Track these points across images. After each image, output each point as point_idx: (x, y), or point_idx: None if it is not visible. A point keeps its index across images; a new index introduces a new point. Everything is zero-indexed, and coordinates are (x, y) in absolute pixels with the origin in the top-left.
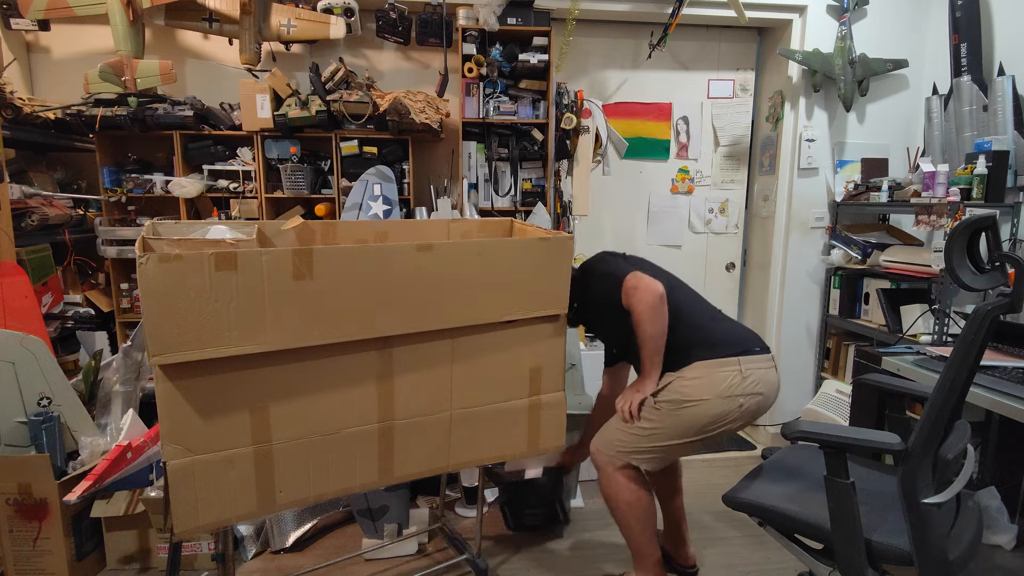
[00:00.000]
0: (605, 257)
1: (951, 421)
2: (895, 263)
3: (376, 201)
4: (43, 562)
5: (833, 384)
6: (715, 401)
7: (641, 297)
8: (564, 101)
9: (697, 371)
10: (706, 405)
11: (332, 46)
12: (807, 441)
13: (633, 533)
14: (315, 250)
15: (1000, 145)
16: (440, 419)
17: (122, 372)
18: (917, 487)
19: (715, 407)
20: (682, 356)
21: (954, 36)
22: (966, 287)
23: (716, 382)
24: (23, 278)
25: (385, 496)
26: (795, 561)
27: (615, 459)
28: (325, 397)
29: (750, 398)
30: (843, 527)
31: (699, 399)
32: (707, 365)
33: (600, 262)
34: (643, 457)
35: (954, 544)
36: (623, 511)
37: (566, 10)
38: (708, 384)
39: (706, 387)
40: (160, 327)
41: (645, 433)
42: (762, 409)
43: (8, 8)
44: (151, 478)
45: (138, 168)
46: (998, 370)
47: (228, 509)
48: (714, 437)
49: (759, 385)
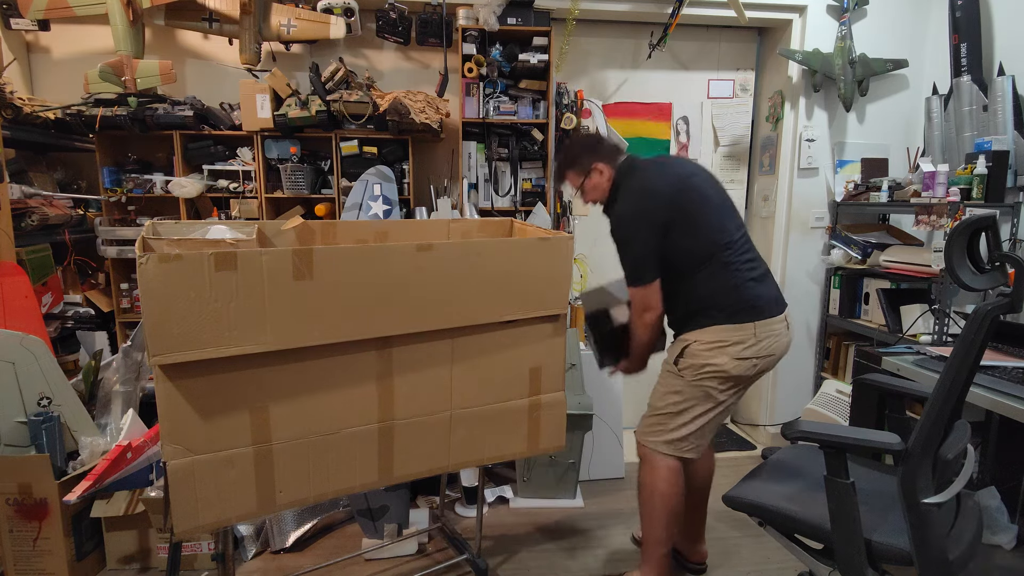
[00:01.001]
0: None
1: (951, 421)
2: (895, 263)
3: (376, 201)
4: (43, 562)
5: (833, 384)
6: (730, 364)
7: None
8: (564, 101)
9: (713, 335)
10: (722, 369)
11: (332, 46)
12: (807, 441)
13: (656, 524)
14: (315, 250)
15: (1000, 145)
16: (440, 419)
17: (122, 372)
18: (917, 487)
19: (731, 370)
20: (701, 318)
21: (954, 36)
22: (966, 287)
23: (731, 346)
24: (23, 278)
25: (385, 496)
26: (795, 561)
27: (662, 448)
28: (325, 397)
29: (763, 360)
30: (843, 527)
31: (716, 363)
32: (724, 330)
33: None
34: (684, 438)
35: (954, 544)
36: (655, 501)
37: (566, 10)
38: (724, 349)
39: (722, 351)
40: (160, 327)
41: (677, 408)
42: (771, 366)
43: (8, 8)
44: (151, 478)
45: (138, 168)
46: (998, 370)
47: (228, 509)
48: (735, 402)
49: (771, 347)
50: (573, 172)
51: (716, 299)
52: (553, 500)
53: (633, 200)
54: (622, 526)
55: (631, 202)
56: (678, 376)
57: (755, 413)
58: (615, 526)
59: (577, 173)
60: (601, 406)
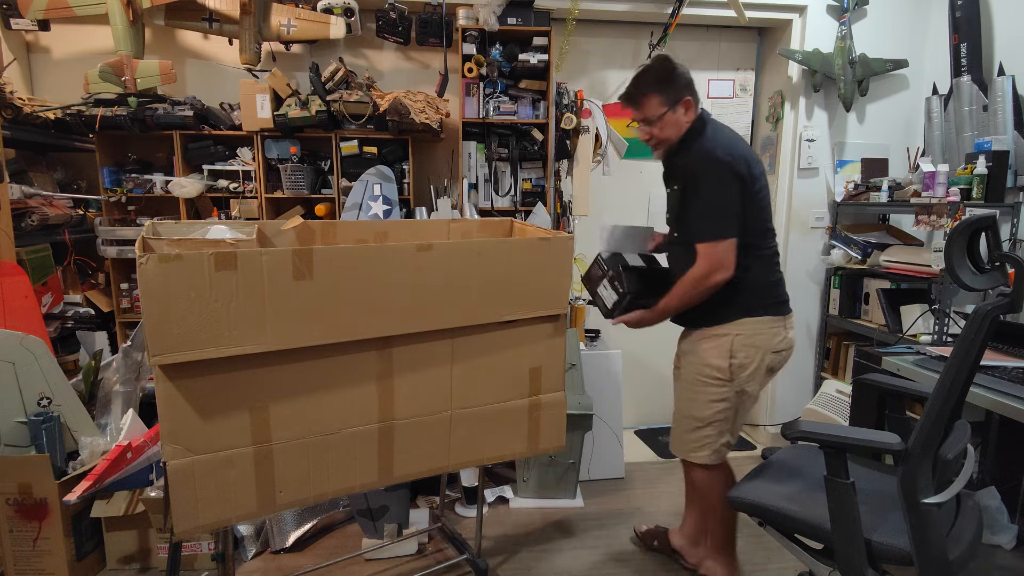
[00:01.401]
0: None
1: (951, 421)
2: (895, 263)
3: (376, 201)
4: (43, 562)
5: (833, 384)
6: (769, 357)
7: (712, 277)
8: (564, 101)
9: (752, 327)
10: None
11: (332, 46)
12: (807, 441)
13: (727, 524)
14: (315, 250)
15: (1000, 145)
16: (440, 419)
17: (122, 372)
18: (917, 487)
19: (771, 363)
20: (736, 309)
21: (954, 36)
22: (966, 287)
23: (767, 339)
24: (23, 278)
25: (385, 496)
26: (795, 561)
27: (712, 460)
28: (325, 397)
29: (789, 351)
30: (843, 527)
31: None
32: (762, 322)
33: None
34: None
35: (954, 544)
36: (721, 505)
37: (566, 10)
38: (760, 341)
39: (759, 344)
40: (160, 327)
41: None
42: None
43: (8, 8)
44: (151, 478)
45: (138, 168)
46: (998, 370)
47: (228, 509)
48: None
49: (790, 341)
50: (660, 97)
51: (759, 290)
52: (553, 500)
53: (725, 147)
54: (622, 526)
55: (724, 148)
56: (727, 383)
57: (755, 413)
58: (615, 526)
59: (664, 100)
60: (601, 406)
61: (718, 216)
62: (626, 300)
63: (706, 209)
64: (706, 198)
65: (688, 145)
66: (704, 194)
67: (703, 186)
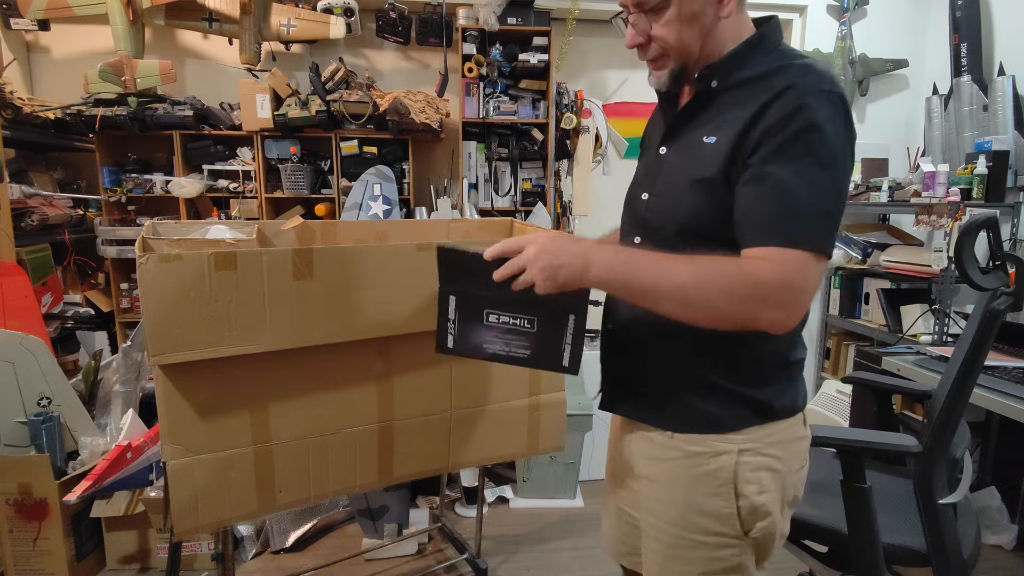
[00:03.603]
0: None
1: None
2: (895, 263)
3: (376, 201)
4: (43, 562)
5: (833, 384)
6: (791, 481)
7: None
8: (564, 101)
9: (765, 436)
10: (780, 496)
11: (332, 46)
12: (825, 446)
13: None
14: (315, 250)
15: (1000, 145)
16: (440, 419)
17: (122, 372)
18: (934, 488)
19: (788, 495)
20: (750, 406)
21: (954, 36)
22: (977, 286)
23: (789, 454)
24: (23, 278)
25: (385, 496)
26: (795, 561)
27: None
28: (325, 397)
29: (808, 465)
30: (862, 532)
31: (771, 493)
32: (779, 427)
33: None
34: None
35: (964, 543)
36: None
37: (566, 10)
38: (780, 459)
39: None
40: (160, 327)
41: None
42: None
43: (8, 8)
44: (151, 478)
45: (138, 168)
46: (998, 370)
47: (228, 509)
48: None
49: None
50: None
51: (786, 373)
52: (553, 500)
53: (844, 114)
54: None
55: (844, 115)
56: (735, 542)
57: None
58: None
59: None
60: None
61: (823, 211)
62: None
63: (809, 189)
64: (810, 172)
65: (747, 61)
66: (809, 163)
67: (815, 143)
